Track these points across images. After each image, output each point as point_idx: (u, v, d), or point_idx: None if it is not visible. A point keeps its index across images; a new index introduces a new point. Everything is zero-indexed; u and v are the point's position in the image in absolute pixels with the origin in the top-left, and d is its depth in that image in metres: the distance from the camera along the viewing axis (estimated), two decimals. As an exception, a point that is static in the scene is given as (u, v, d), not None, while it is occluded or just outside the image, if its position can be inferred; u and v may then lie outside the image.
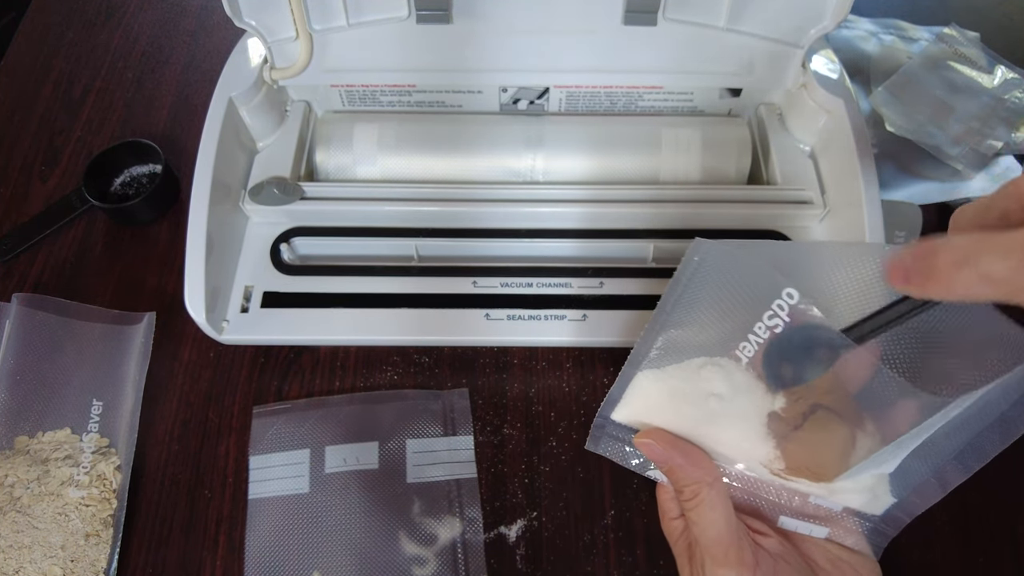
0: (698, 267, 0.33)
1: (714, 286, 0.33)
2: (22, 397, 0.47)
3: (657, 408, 0.35)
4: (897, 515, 0.36)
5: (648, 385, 0.35)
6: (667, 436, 0.34)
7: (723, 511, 0.32)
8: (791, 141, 0.51)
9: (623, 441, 0.37)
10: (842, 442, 0.33)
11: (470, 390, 0.48)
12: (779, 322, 0.31)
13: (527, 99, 0.52)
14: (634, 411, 0.36)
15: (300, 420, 0.46)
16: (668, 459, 0.34)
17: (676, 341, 0.34)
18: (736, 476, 0.35)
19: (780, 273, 0.31)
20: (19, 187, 0.58)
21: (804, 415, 0.33)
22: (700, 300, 0.33)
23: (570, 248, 0.49)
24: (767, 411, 0.33)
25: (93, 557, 0.42)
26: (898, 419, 0.31)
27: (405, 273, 0.48)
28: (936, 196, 0.56)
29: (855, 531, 0.35)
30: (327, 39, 0.48)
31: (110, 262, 0.54)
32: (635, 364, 0.35)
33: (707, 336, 0.33)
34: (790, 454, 0.33)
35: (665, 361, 0.35)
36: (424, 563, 0.42)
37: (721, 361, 0.33)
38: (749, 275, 0.32)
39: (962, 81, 0.62)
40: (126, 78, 0.65)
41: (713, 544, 0.32)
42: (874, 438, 0.32)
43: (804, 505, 0.35)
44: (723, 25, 0.46)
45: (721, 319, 0.33)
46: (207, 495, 0.45)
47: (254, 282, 0.48)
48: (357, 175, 0.51)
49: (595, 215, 0.49)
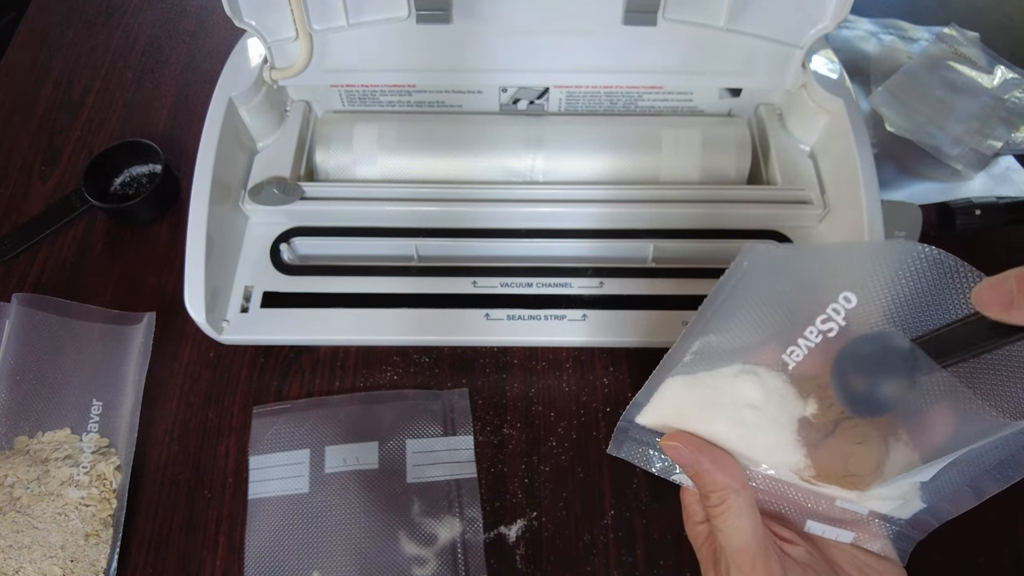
0: (746, 272, 0.31)
1: (761, 291, 0.32)
2: (22, 397, 0.47)
3: (685, 414, 0.34)
4: (926, 519, 0.35)
5: (678, 391, 0.34)
6: (695, 440, 0.33)
7: (750, 519, 0.32)
8: (791, 141, 0.51)
9: (647, 445, 0.36)
10: (875, 450, 0.32)
11: (470, 390, 0.48)
12: (834, 326, 0.30)
13: (527, 99, 0.52)
14: (661, 416, 0.35)
15: (300, 420, 0.46)
16: (695, 463, 0.33)
17: (712, 347, 0.33)
18: (763, 479, 0.35)
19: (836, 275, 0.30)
20: (19, 187, 0.58)
21: (835, 421, 0.32)
22: (743, 306, 0.32)
23: (570, 248, 0.49)
24: (798, 417, 0.32)
25: (93, 557, 0.42)
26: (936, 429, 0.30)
27: (405, 273, 0.48)
28: (936, 196, 0.56)
29: (881, 535, 0.35)
30: (327, 39, 0.48)
31: (110, 262, 0.54)
32: (667, 369, 0.34)
33: (745, 342, 0.32)
34: (821, 461, 0.32)
35: (698, 367, 0.34)
36: (424, 563, 0.42)
37: (757, 369, 0.33)
38: (801, 279, 0.31)
39: (962, 81, 0.62)
40: (126, 78, 0.65)
41: (739, 552, 0.32)
42: (908, 446, 0.32)
43: (830, 509, 0.34)
44: (723, 25, 0.46)
45: (762, 325, 0.32)
46: (207, 495, 0.45)
47: (254, 282, 0.48)
48: (357, 175, 0.51)
49: (595, 215, 0.49)
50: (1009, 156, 0.59)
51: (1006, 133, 0.59)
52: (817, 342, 0.31)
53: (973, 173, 0.58)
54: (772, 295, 0.32)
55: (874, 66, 0.64)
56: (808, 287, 0.31)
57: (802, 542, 0.34)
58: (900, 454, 0.32)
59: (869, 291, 0.30)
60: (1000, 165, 0.59)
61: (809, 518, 0.35)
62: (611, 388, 0.48)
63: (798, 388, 0.32)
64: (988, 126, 0.59)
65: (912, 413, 0.31)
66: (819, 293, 0.31)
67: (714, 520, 0.33)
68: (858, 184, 0.44)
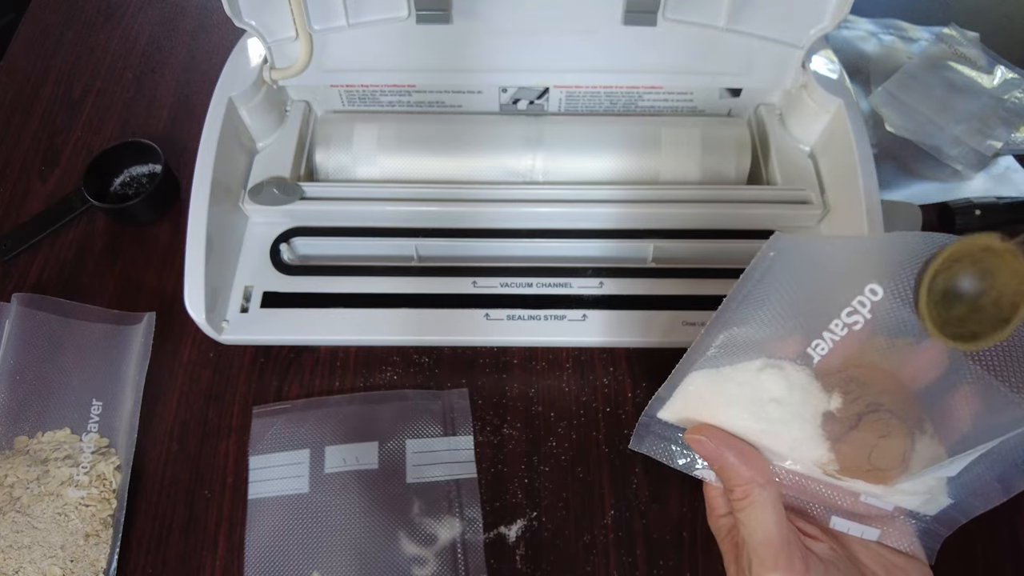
0: (773, 262, 0.31)
1: (787, 282, 0.31)
2: (22, 397, 0.47)
3: (709, 408, 0.34)
4: (953, 515, 0.34)
5: (702, 385, 0.34)
6: (719, 433, 0.33)
7: (774, 513, 0.32)
8: (791, 141, 0.51)
9: (669, 440, 0.36)
10: (900, 443, 0.31)
11: (470, 390, 0.48)
12: (860, 319, 0.30)
13: (527, 99, 0.52)
14: (684, 410, 0.35)
15: (300, 420, 0.46)
16: (720, 457, 0.33)
17: (737, 339, 0.33)
18: (787, 473, 0.34)
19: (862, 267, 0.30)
20: (19, 187, 0.58)
21: (860, 415, 0.32)
22: (770, 297, 0.32)
23: (570, 248, 0.49)
24: (822, 411, 0.32)
25: (93, 557, 0.42)
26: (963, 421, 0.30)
27: (405, 273, 0.48)
28: (936, 196, 0.56)
29: (908, 533, 0.34)
30: (327, 39, 0.48)
31: (110, 262, 0.54)
32: (690, 363, 0.34)
33: (769, 334, 0.32)
34: (845, 456, 0.32)
35: (723, 361, 0.33)
36: (424, 563, 0.42)
37: (781, 363, 0.32)
38: (827, 271, 0.31)
39: (962, 81, 0.62)
40: (126, 78, 0.65)
41: (761, 546, 0.31)
42: (933, 439, 0.31)
43: (855, 504, 0.34)
44: (723, 25, 0.46)
45: (788, 317, 0.32)
46: (207, 495, 0.45)
47: (254, 282, 0.48)
48: (357, 175, 0.51)
49: (595, 215, 0.49)
50: (1009, 156, 0.59)
51: (1006, 133, 0.59)
52: (843, 335, 0.31)
53: (973, 173, 0.58)
54: (797, 287, 0.31)
55: (874, 66, 0.64)
56: (834, 279, 0.31)
57: (826, 539, 0.33)
58: (926, 447, 0.31)
59: (895, 283, 0.30)
60: (1000, 165, 0.59)
61: (834, 514, 0.34)
62: (611, 388, 0.48)
63: (822, 382, 0.32)
64: (988, 126, 0.59)
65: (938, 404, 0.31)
66: (845, 285, 0.31)
67: (738, 514, 0.33)
68: (858, 184, 0.44)
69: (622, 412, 0.47)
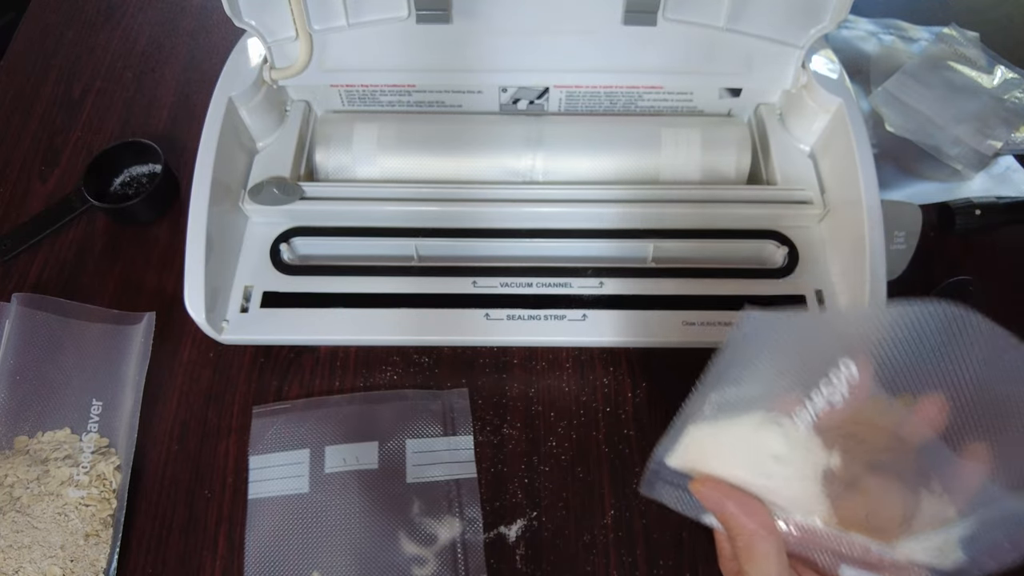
0: (745, 339, 0.32)
1: (766, 352, 0.32)
2: (22, 397, 0.47)
3: (710, 460, 0.34)
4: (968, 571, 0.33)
5: (701, 438, 0.34)
6: (722, 485, 0.33)
7: (776, 564, 0.32)
8: (791, 141, 0.51)
9: (678, 487, 0.36)
10: (899, 504, 0.31)
11: (470, 390, 0.48)
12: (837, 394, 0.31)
13: (527, 99, 0.52)
14: (688, 460, 0.35)
15: (300, 420, 0.46)
16: (722, 508, 0.33)
17: (730, 399, 0.33)
18: (794, 524, 0.34)
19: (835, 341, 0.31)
20: (19, 187, 0.58)
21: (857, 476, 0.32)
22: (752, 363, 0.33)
23: (570, 248, 0.49)
24: (822, 468, 0.32)
25: (93, 557, 0.42)
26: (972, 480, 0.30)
27: (405, 273, 0.48)
28: (936, 196, 0.56)
29: None
30: (327, 39, 0.48)
31: (110, 262, 0.54)
32: (687, 417, 0.34)
33: (764, 390, 0.33)
34: (846, 514, 0.32)
35: (720, 415, 0.34)
36: (424, 563, 0.42)
37: (780, 419, 0.32)
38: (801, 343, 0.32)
39: (962, 81, 0.62)
40: (126, 78, 0.65)
41: None
42: (942, 498, 0.31)
43: (866, 554, 0.33)
44: (723, 25, 0.46)
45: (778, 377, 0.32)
46: (207, 495, 0.45)
47: (254, 282, 0.48)
48: (357, 175, 0.51)
49: (595, 215, 0.49)
50: (1009, 156, 0.59)
51: (1006, 133, 0.59)
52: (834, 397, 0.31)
53: (973, 173, 0.58)
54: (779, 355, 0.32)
55: (874, 66, 0.64)
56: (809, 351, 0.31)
57: None
58: (933, 507, 0.31)
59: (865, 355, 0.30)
60: (1000, 165, 0.59)
61: (844, 563, 0.34)
62: (611, 388, 0.48)
63: (823, 438, 0.32)
64: (988, 126, 0.59)
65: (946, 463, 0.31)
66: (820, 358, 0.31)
67: (742, 564, 0.33)
68: (858, 184, 0.44)
69: (622, 412, 0.47)
